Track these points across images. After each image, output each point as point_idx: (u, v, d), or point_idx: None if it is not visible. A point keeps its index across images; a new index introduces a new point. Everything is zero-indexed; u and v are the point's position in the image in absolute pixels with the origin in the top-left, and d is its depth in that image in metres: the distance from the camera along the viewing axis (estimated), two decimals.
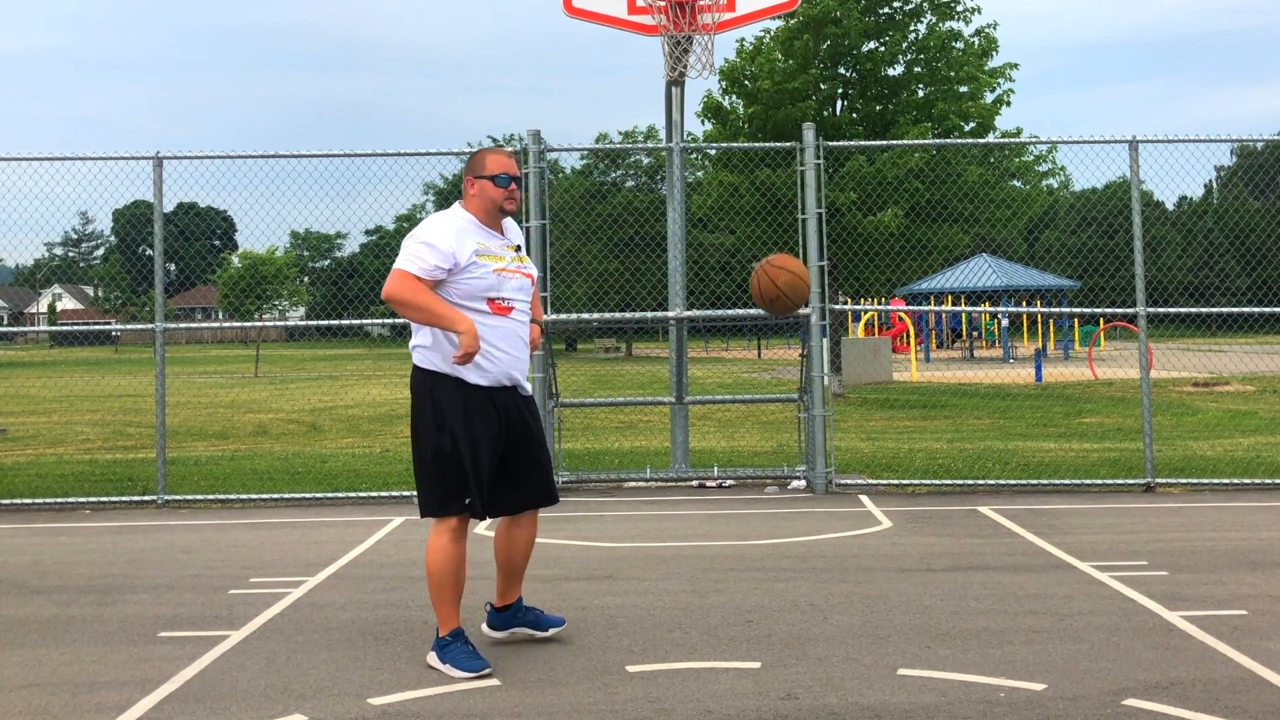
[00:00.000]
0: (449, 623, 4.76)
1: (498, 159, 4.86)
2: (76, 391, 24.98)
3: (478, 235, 4.81)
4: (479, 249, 4.76)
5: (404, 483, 10.22)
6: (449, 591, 4.77)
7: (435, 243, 4.69)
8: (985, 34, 21.04)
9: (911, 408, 18.80)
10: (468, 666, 4.63)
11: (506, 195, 4.85)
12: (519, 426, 4.87)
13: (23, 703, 4.43)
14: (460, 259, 4.70)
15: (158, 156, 9.48)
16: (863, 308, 12.94)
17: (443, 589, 4.76)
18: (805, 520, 8.21)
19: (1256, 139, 11.09)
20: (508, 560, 5.02)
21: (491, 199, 4.83)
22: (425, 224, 4.80)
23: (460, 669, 4.64)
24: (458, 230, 4.76)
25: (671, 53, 9.64)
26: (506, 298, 4.82)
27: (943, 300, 38.72)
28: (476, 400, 4.74)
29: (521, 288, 4.88)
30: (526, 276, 4.92)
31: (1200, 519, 8.03)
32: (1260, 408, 17.28)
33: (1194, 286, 53.39)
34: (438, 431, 4.73)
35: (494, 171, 4.84)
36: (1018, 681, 4.47)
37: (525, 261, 4.96)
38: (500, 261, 4.81)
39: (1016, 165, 22.22)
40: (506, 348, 4.80)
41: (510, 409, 4.84)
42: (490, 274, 4.76)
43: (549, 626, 5.13)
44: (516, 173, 4.90)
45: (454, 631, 4.76)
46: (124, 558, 7.25)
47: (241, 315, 41.00)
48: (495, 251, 4.81)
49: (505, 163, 4.86)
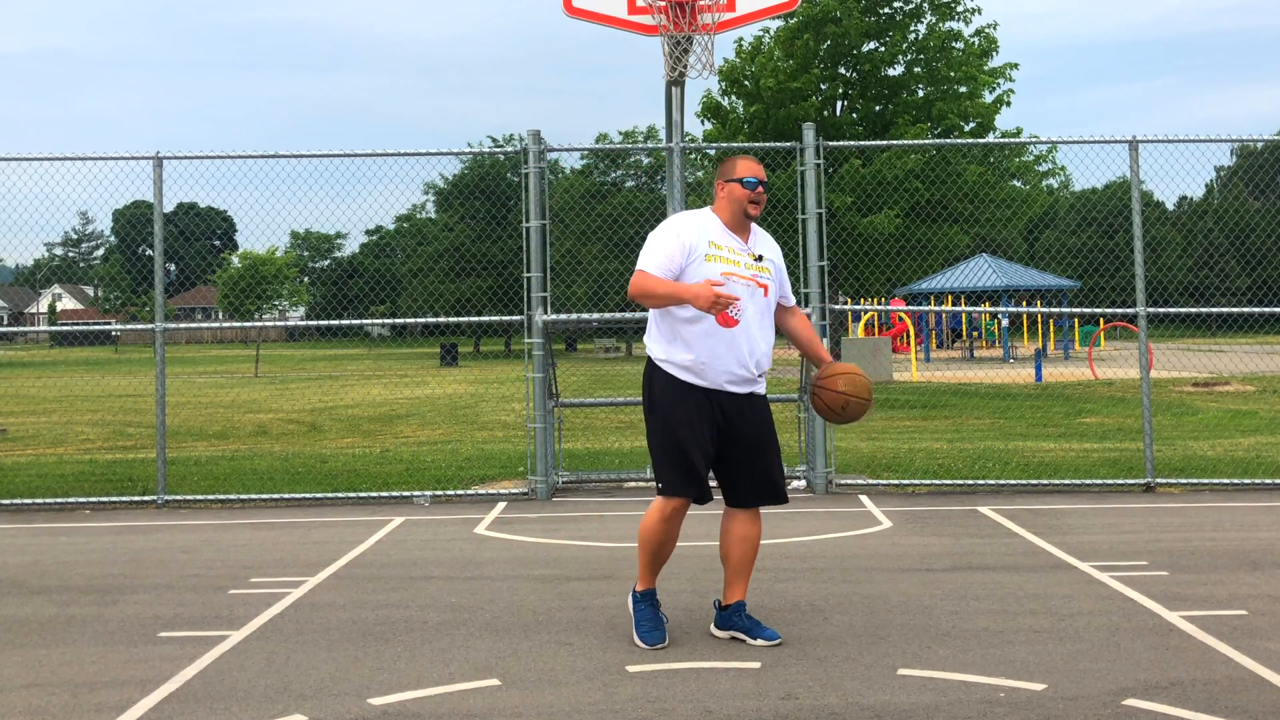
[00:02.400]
0: (644, 580, 5.12)
1: (748, 164, 5.06)
2: (76, 391, 24.98)
3: (716, 234, 4.99)
4: (712, 248, 4.94)
5: (404, 483, 10.23)
6: (647, 556, 5.06)
7: (670, 237, 4.94)
8: (985, 34, 21.06)
9: (911, 408, 18.80)
10: (646, 637, 5.00)
11: (752, 197, 5.01)
12: (736, 423, 4.98)
13: (23, 703, 4.43)
14: (695, 252, 4.92)
15: (158, 156, 9.48)
16: (863, 308, 12.93)
17: (644, 551, 5.06)
18: (805, 520, 8.20)
19: (1256, 139, 11.09)
20: (725, 556, 5.15)
21: (738, 200, 5.00)
22: (669, 219, 5.10)
23: (639, 634, 5.03)
24: (699, 225, 4.99)
25: (671, 53, 9.63)
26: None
27: (943, 300, 38.71)
28: (694, 395, 4.94)
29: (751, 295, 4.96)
30: (760, 287, 5.00)
31: (1200, 519, 8.03)
32: (1260, 408, 17.28)
33: (1194, 286, 53.40)
34: (652, 416, 5.04)
35: (742, 175, 5.02)
36: (1018, 681, 4.47)
37: (766, 272, 5.05)
38: (731, 265, 4.94)
39: (1016, 165, 22.23)
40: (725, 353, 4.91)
41: (728, 405, 4.97)
42: (716, 275, 4.89)
43: (759, 637, 5.06)
44: (764, 177, 5.07)
45: (645, 592, 5.10)
46: (124, 558, 7.25)
47: (241, 315, 40.98)
48: (728, 256, 4.96)
49: (754, 168, 5.06)
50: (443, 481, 10.24)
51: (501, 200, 46.10)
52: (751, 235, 5.09)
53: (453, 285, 49.25)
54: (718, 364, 4.92)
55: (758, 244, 5.09)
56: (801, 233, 9.63)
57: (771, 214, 19.85)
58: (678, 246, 4.92)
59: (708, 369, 4.92)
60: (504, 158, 42.29)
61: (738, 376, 4.96)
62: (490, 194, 48.21)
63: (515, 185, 9.89)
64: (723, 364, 4.92)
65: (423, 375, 32.28)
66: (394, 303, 52.82)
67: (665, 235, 4.98)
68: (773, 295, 5.10)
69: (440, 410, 19.81)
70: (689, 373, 4.95)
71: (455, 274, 49.57)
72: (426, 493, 9.51)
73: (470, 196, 50.07)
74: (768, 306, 5.07)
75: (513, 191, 45.82)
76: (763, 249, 5.11)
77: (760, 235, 5.15)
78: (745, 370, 4.97)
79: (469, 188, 49.91)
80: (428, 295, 49.84)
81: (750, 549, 5.12)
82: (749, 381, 5.01)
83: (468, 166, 50.74)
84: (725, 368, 4.93)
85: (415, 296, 50.49)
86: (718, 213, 5.07)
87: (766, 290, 5.04)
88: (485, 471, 10.96)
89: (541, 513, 8.76)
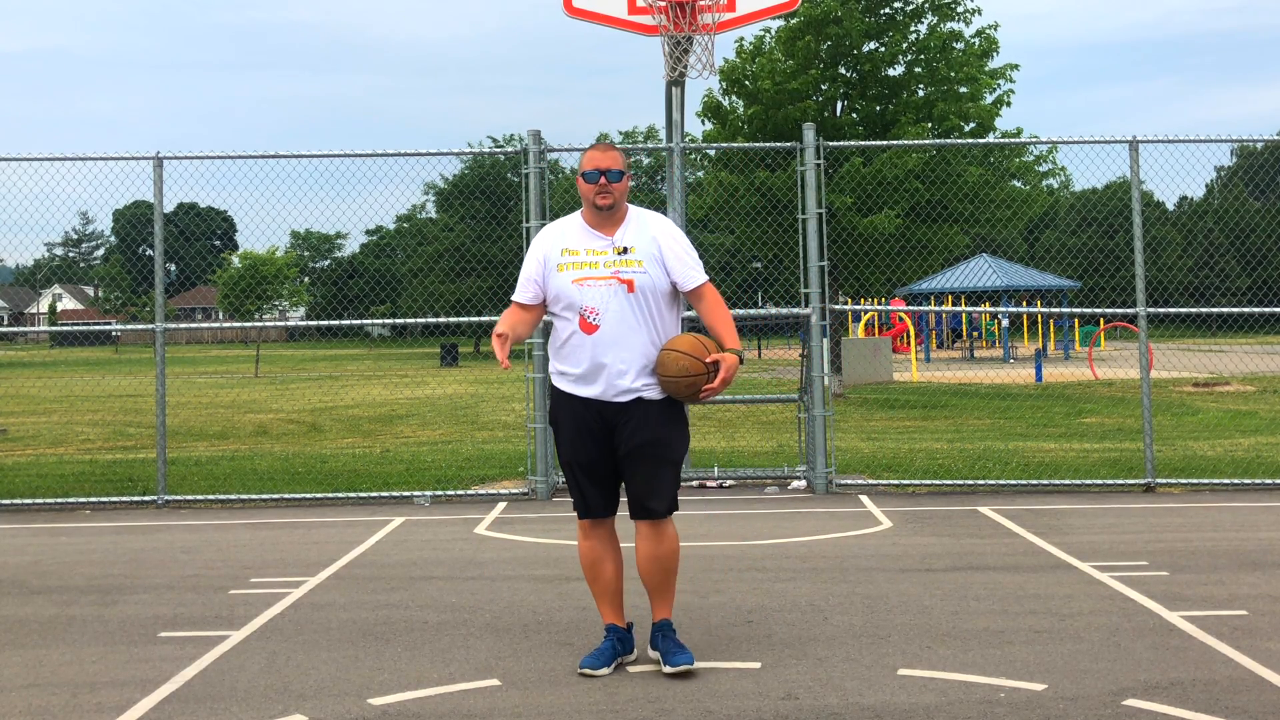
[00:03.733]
0: (600, 612, 4.88)
1: (592, 154, 4.69)
2: (76, 391, 24.98)
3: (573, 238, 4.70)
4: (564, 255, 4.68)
5: (404, 483, 10.23)
6: (588, 582, 4.88)
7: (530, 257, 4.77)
8: (986, 35, 21.05)
9: (912, 408, 18.80)
10: (583, 660, 4.73)
11: (597, 189, 4.64)
12: (620, 432, 4.67)
13: (23, 703, 4.43)
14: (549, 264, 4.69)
15: (158, 156, 9.48)
16: (863, 308, 12.93)
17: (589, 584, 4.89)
18: (805, 520, 8.20)
19: (1256, 139, 11.10)
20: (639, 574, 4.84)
21: (585, 196, 4.69)
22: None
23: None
24: (557, 233, 4.75)
25: (671, 53, 9.64)
26: (587, 307, 4.61)
27: (943, 300, 38.72)
28: (573, 405, 4.70)
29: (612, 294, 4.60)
30: (623, 283, 4.61)
31: (1200, 519, 8.03)
32: (1260, 408, 17.28)
33: (1194, 286, 53.41)
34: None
35: (584, 167, 4.67)
36: (1018, 681, 4.47)
37: (632, 265, 4.63)
38: (586, 269, 4.62)
39: (1016, 165, 22.21)
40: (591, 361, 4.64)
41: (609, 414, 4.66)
42: (567, 286, 4.63)
43: (668, 664, 4.61)
44: (610, 164, 4.64)
45: (607, 627, 4.81)
46: (124, 558, 7.25)
47: (242, 315, 40.99)
48: (583, 259, 4.65)
49: (597, 157, 4.67)
50: (443, 481, 10.24)
51: (501, 200, 46.05)
52: (623, 226, 4.70)
53: (453, 285, 49.26)
54: (588, 374, 4.64)
55: (628, 234, 4.68)
56: (802, 233, 9.63)
57: (771, 214, 19.86)
58: (536, 265, 4.72)
59: (583, 378, 4.66)
60: (504, 158, 42.28)
61: (612, 385, 4.62)
62: (490, 194, 48.19)
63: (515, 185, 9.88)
64: (592, 373, 4.63)
65: (423, 375, 32.27)
66: (394, 303, 52.82)
67: (528, 256, 4.79)
68: (650, 288, 4.63)
69: (440, 410, 19.81)
70: (566, 380, 4.72)
71: (455, 274, 49.57)
72: (426, 493, 9.51)
73: (470, 196, 50.07)
74: (639, 303, 4.62)
75: (513, 191, 45.73)
76: (632, 238, 4.67)
77: (637, 222, 4.72)
78: (618, 377, 4.61)
79: (469, 188, 49.90)
80: (428, 295, 49.84)
81: (655, 567, 4.74)
82: (627, 390, 4.62)
83: (468, 166, 50.76)
84: (595, 376, 4.63)
85: (415, 296, 50.49)
86: (583, 213, 4.76)
87: (631, 285, 4.60)
88: (485, 472, 10.96)
89: (541, 513, 8.76)
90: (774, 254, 21.25)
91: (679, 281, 4.69)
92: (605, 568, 4.81)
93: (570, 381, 4.70)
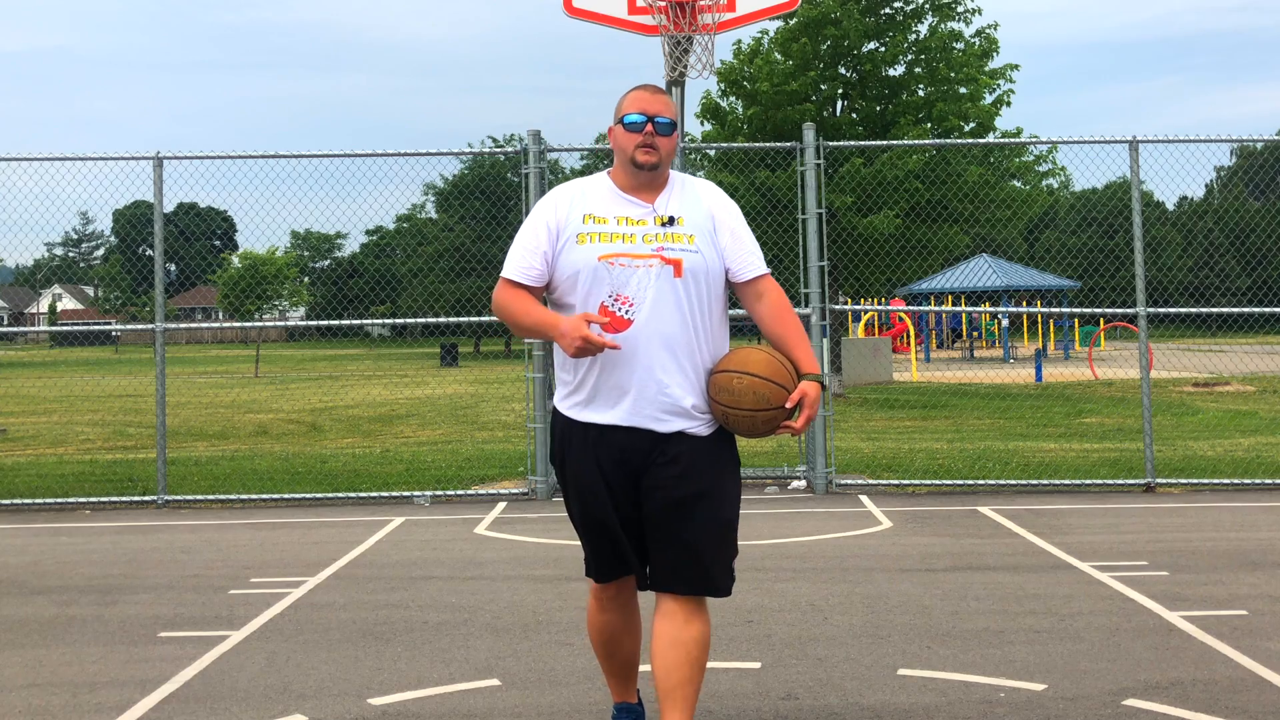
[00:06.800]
0: (610, 689, 3.95)
1: (637, 95, 3.54)
2: (76, 391, 24.98)
3: (599, 202, 3.54)
4: (588, 224, 3.50)
5: (404, 483, 10.23)
6: (597, 655, 3.86)
7: (532, 223, 3.57)
8: (986, 35, 21.06)
9: (911, 408, 18.80)
10: None
11: (640, 141, 3.48)
12: (652, 473, 3.46)
13: (23, 703, 4.43)
14: (565, 233, 3.50)
15: (158, 156, 9.48)
16: (863, 308, 12.92)
17: (594, 649, 3.87)
18: (805, 520, 8.20)
19: (1256, 139, 11.09)
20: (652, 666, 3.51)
21: (623, 149, 3.53)
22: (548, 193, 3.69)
23: None
24: (577, 194, 3.56)
25: (671, 53, 9.64)
26: (618, 295, 3.43)
27: (943, 300, 38.72)
28: (585, 436, 3.51)
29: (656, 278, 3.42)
30: (669, 263, 3.42)
31: (1200, 519, 8.03)
32: (1260, 408, 17.27)
33: (1194, 286, 53.37)
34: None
35: (626, 110, 3.52)
36: (1018, 681, 4.47)
37: (681, 241, 3.46)
38: (618, 243, 3.45)
39: (1016, 165, 22.21)
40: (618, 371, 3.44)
41: (638, 447, 3.45)
42: (591, 261, 3.44)
43: None
44: (662, 111, 3.51)
45: (617, 705, 3.93)
46: (124, 558, 7.25)
47: (242, 315, 40.97)
48: (613, 230, 3.48)
49: (644, 99, 3.52)
50: (443, 481, 10.24)
51: (501, 200, 46.01)
52: (665, 192, 3.54)
53: (453, 285, 49.24)
54: (609, 388, 3.43)
55: (672, 202, 3.52)
56: (802, 233, 9.63)
57: (771, 214, 19.85)
58: (542, 234, 3.49)
59: (598, 395, 3.45)
60: (504, 158, 42.27)
61: (644, 405, 3.41)
62: (490, 194, 48.16)
63: (515, 185, 9.94)
64: (617, 390, 3.42)
65: (423, 375, 32.26)
66: (394, 303, 52.81)
67: (529, 222, 3.57)
68: (702, 272, 3.46)
69: (440, 410, 19.80)
70: (575, 401, 3.51)
71: (455, 274, 49.55)
72: (426, 493, 9.51)
73: (470, 197, 50.04)
74: (686, 293, 3.43)
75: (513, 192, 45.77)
76: (679, 207, 3.51)
77: (682, 188, 3.57)
78: (655, 395, 3.41)
79: (469, 188, 49.88)
80: (428, 295, 49.82)
81: (682, 656, 3.41)
82: (666, 412, 3.42)
83: (468, 167, 50.73)
84: (621, 394, 3.42)
85: (415, 296, 50.47)
86: (614, 172, 3.60)
87: (679, 267, 3.42)
88: (485, 471, 10.96)
89: (542, 513, 8.76)
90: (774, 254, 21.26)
91: (734, 269, 3.55)
92: (625, 643, 3.75)
93: (581, 404, 3.50)
